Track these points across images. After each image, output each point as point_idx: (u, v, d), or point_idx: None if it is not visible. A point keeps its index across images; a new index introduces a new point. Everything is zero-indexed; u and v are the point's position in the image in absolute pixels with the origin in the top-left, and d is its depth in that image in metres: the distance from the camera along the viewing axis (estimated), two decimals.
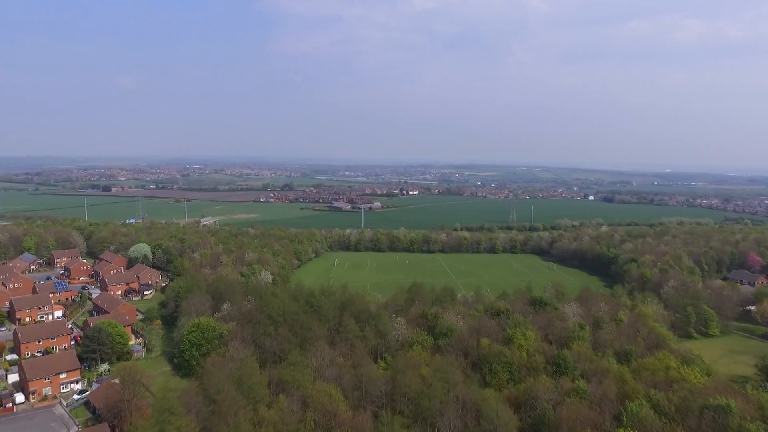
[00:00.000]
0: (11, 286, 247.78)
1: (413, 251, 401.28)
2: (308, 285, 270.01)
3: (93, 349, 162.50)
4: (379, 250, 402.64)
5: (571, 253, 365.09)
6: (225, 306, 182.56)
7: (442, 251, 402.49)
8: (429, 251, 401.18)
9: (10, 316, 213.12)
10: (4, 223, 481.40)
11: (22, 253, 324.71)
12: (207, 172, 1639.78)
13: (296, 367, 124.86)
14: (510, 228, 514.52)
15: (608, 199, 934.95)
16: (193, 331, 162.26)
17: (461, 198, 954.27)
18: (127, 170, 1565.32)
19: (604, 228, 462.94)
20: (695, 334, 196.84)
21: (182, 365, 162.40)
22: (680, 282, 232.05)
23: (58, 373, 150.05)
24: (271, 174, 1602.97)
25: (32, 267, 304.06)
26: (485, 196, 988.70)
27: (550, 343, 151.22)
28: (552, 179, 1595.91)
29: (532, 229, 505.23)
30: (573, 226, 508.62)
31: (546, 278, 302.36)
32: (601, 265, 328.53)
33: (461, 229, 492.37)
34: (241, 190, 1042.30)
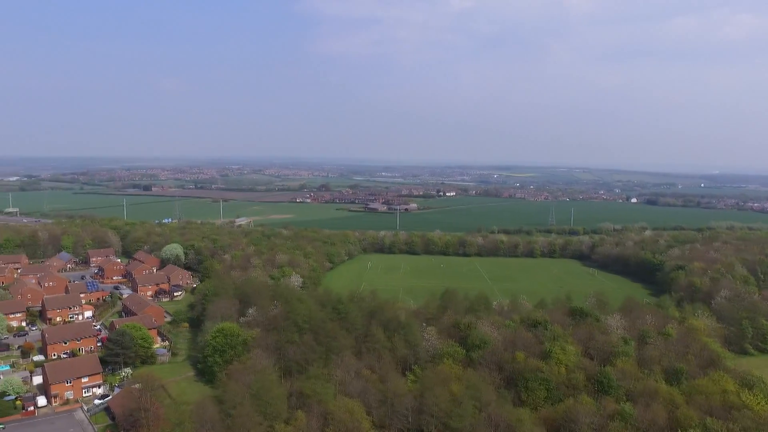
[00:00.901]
0: (46, 284, 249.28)
1: (448, 254, 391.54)
2: (339, 289, 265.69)
3: (116, 352, 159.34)
4: (413, 253, 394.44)
5: (613, 259, 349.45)
6: (251, 311, 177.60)
7: (478, 255, 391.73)
8: (465, 254, 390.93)
9: (42, 315, 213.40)
10: (47, 221, 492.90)
11: (60, 251, 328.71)
12: (245, 172, 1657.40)
13: (318, 380, 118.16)
14: (549, 231, 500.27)
15: (652, 202, 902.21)
16: (216, 337, 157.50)
17: (499, 200, 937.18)
18: (168, 170, 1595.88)
19: (648, 232, 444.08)
20: (752, 350, 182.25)
21: (206, 371, 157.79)
22: (734, 292, 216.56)
23: (80, 377, 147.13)
24: (308, 174, 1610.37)
25: (68, 266, 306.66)
26: (524, 198, 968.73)
27: (592, 358, 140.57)
28: (592, 181, 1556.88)
29: (571, 232, 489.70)
30: (615, 230, 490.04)
31: (587, 285, 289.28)
32: (645, 272, 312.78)
33: (498, 232, 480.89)
34: (278, 190, 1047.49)
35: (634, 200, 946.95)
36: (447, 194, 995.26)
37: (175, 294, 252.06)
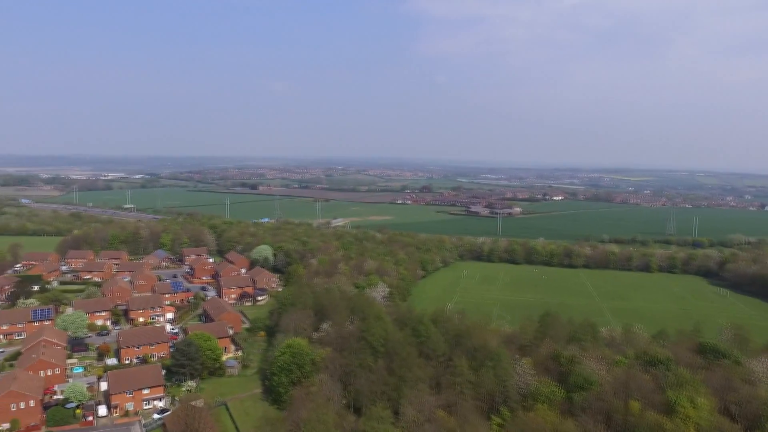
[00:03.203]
0: (137, 283, 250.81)
1: (552, 265, 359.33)
2: (429, 301, 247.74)
3: (182, 363, 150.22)
4: (513, 262, 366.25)
5: (749, 278, 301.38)
6: (325, 325, 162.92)
7: (585, 266, 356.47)
8: (570, 266, 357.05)
9: (126, 315, 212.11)
10: (157, 217, 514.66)
11: (158, 248, 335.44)
12: (350, 172, 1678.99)
13: (381, 423, 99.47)
14: (668, 242, 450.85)
15: None
16: (284, 353, 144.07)
17: (610, 205, 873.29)
18: (276, 170, 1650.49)
19: None
20: None
21: (272, 390, 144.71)
22: None
23: (141, 388, 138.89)
24: (412, 175, 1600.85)
25: (163, 264, 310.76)
26: (638, 204, 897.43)
27: (733, 418, 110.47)
28: (718, 186, 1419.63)
29: (695, 244, 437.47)
30: (749, 243, 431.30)
31: (717, 310, 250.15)
32: None
33: (609, 242, 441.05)
34: (380, 191, 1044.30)
35: None
36: (554, 198, 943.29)
37: (259, 298, 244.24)
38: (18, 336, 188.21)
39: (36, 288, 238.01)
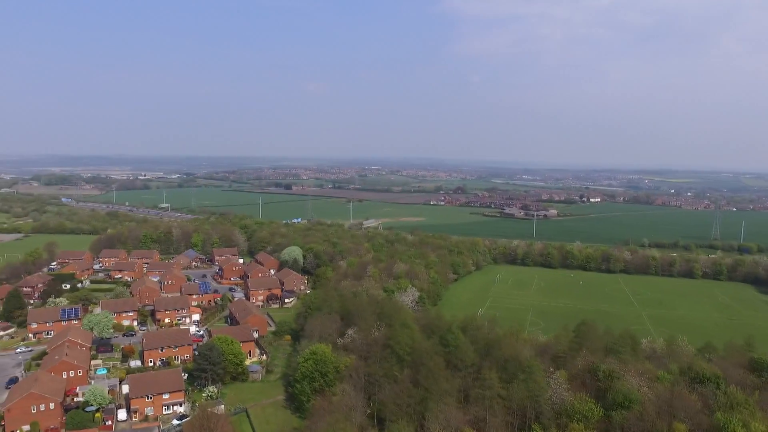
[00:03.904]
0: (165, 283, 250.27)
1: (589, 270, 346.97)
2: (460, 306, 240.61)
3: (203, 368, 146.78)
4: (549, 266, 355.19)
5: None
6: (350, 331, 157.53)
7: (624, 272, 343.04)
8: (608, 271, 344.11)
9: (153, 315, 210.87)
10: (190, 216, 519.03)
11: (190, 248, 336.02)
12: (384, 173, 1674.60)
13: None
14: (712, 247, 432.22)
15: None
16: (307, 360, 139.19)
17: (650, 208, 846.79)
18: (310, 170, 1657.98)
19: None
20: None
21: (294, 398, 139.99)
22: None
23: (161, 393, 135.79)
24: (446, 176, 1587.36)
25: (193, 263, 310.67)
26: (680, 207, 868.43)
27: None
28: (766, 188, 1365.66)
29: (742, 249, 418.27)
30: None
31: (767, 320, 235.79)
32: None
33: (649, 246, 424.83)
34: (414, 191, 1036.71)
35: None
36: (591, 200, 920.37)
37: (286, 300, 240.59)
38: (47, 335, 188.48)
39: (67, 287, 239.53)
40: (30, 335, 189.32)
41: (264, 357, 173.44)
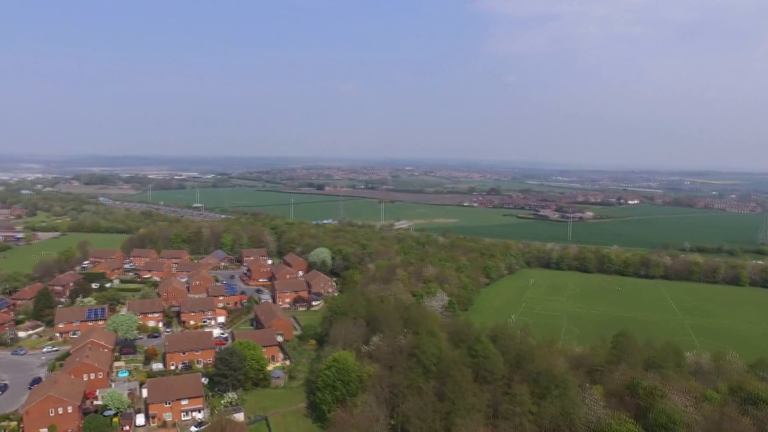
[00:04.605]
0: (193, 283, 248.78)
1: (627, 275, 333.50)
2: (492, 312, 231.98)
3: (224, 373, 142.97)
4: (584, 271, 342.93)
5: None
6: (375, 338, 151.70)
7: (664, 277, 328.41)
8: (648, 276, 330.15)
9: (179, 317, 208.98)
10: (223, 216, 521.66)
11: (219, 248, 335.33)
12: (417, 173, 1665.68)
13: None
14: (760, 252, 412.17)
15: None
16: (330, 368, 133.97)
17: (692, 210, 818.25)
18: (343, 170, 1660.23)
19: None
20: None
21: (316, 406, 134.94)
22: None
23: (180, 399, 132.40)
24: (480, 177, 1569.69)
25: (222, 264, 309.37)
26: (724, 210, 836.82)
27: None
28: None
29: None
30: None
31: None
32: None
33: (691, 251, 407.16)
34: (447, 192, 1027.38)
35: None
36: (629, 202, 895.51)
37: (314, 303, 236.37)
38: (73, 335, 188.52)
39: (96, 286, 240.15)
40: (57, 335, 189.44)
41: (288, 362, 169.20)
